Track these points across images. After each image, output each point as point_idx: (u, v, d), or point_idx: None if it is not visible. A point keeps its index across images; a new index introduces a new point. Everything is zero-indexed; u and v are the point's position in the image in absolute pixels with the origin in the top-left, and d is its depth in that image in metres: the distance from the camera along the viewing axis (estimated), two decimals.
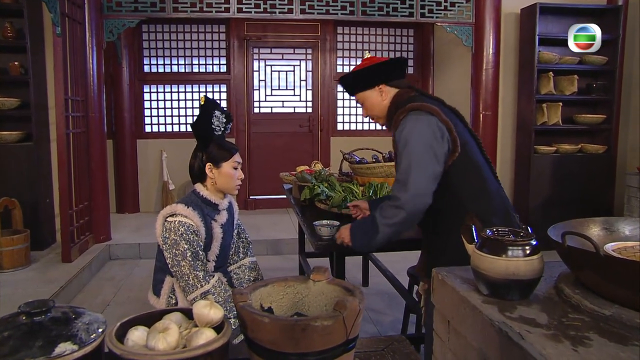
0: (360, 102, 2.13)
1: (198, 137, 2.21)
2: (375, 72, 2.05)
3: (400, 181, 1.84)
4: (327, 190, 2.79)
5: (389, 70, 2.07)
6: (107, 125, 4.88)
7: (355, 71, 2.10)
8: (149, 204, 6.16)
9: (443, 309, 1.40)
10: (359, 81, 2.08)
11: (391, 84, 2.05)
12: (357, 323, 0.86)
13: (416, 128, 1.85)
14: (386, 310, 3.54)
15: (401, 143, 1.87)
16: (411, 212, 1.81)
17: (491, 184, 1.97)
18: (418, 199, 1.81)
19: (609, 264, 1.04)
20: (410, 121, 1.88)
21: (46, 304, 0.83)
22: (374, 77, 2.05)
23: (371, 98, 2.07)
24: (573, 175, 4.89)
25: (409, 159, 1.82)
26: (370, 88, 2.05)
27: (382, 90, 2.04)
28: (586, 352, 0.94)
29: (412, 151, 1.83)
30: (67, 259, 4.06)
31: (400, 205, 1.81)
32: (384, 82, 2.04)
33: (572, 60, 4.85)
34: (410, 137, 1.85)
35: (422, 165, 1.82)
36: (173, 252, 2.03)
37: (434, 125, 1.86)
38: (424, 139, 1.84)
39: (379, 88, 2.04)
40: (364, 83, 2.06)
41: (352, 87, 2.13)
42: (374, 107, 2.08)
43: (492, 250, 1.21)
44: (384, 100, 2.05)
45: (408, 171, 1.81)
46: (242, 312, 0.85)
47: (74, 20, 4.23)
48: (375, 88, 2.05)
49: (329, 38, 6.44)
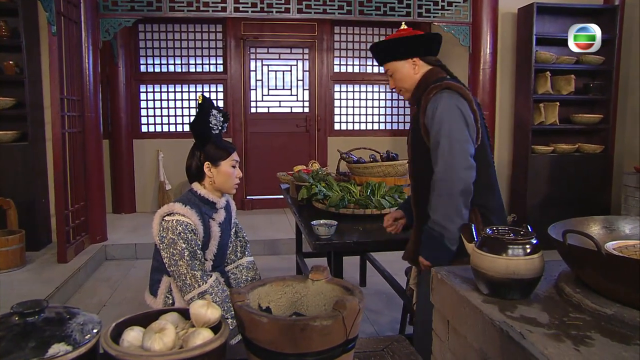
0: (390, 73, 2.05)
1: (196, 136, 2.20)
2: (412, 43, 1.99)
3: (445, 161, 1.78)
4: (324, 189, 2.78)
5: (426, 45, 2.02)
6: (103, 125, 4.85)
7: (391, 39, 2.02)
8: (145, 204, 6.13)
9: (442, 309, 1.39)
10: (393, 50, 2.01)
11: (425, 60, 2.00)
12: (357, 323, 0.84)
13: (452, 107, 1.82)
14: (384, 310, 3.53)
15: (436, 121, 1.82)
16: (464, 188, 1.77)
17: (496, 183, 1.98)
18: (467, 172, 1.78)
19: (611, 263, 1.03)
20: (444, 99, 1.84)
21: (39, 304, 0.81)
22: (410, 48, 1.99)
23: (403, 70, 2.00)
24: (570, 175, 4.90)
25: (449, 135, 1.79)
26: (403, 59, 1.99)
27: (416, 64, 1.99)
28: (588, 352, 0.93)
29: (451, 129, 1.79)
30: (62, 259, 4.03)
31: (451, 187, 1.76)
32: (419, 55, 1.99)
33: (569, 60, 4.85)
34: (446, 115, 1.81)
35: (463, 139, 1.80)
36: (170, 252, 2.02)
37: (467, 109, 1.85)
38: (460, 117, 1.82)
39: (412, 61, 1.99)
40: (398, 53, 1.99)
41: (384, 56, 2.05)
42: (404, 79, 2.01)
43: (492, 249, 1.20)
44: (416, 74, 1.99)
45: (451, 149, 1.78)
46: (240, 312, 0.84)
47: (70, 19, 4.20)
48: (408, 60, 1.99)
49: (326, 38, 6.43)
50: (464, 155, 1.78)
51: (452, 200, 1.77)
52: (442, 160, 1.79)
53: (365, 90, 6.70)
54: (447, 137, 1.79)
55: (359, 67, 6.65)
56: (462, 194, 1.77)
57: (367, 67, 6.67)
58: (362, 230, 2.41)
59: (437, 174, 1.81)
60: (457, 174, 1.76)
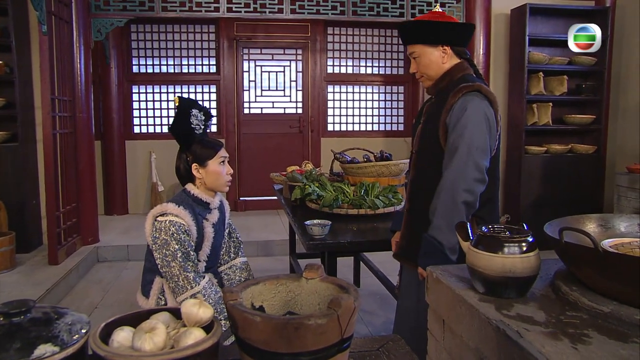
0: (415, 56, 1.93)
1: (178, 138, 2.17)
2: (447, 30, 1.88)
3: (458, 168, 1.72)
4: (318, 189, 2.77)
5: (460, 34, 1.92)
6: (95, 126, 4.82)
7: (426, 21, 1.91)
8: (137, 206, 6.09)
9: (438, 308, 1.38)
10: (425, 33, 1.89)
11: (454, 50, 1.91)
12: (352, 322, 0.83)
13: (480, 113, 1.75)
14: (378, 311, 3.51)
15: (461, 123, 1.74)
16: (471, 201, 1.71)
17: (497, 197, 1.93)
18: (477, 185, 1.72)
19: (608, 260, 1.02)
20: (475, 103, 1.76)
21: (25, 304, 0.79)
22: (443, 35, 1.88)
23: (431, 55, 1.89)
24: (563, 175, 4.91)
25: (470, 143, 1.71)
26: (433, 44, 1.88)
27: (446, 53, 1.89)
28: (586, 350, 0.92)
29: (472, 136, 1.72)
30: (53, 261, 3.99)
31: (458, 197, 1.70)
32: (450, 44, 1.89)
33: (561, 61, 4.87)
34: (472, 120, 1.73)
35: (482, 150, 1.73)
36: (163, 253, 1.99)
37: (493, 117, 1.79)
38: (485, 126, 1.76)
39: (443, 49, 1.88)
40: (430, 37, 1.88)
41: (413, 36, 1.92)
42: (430, 66, 1.91)
43: (488, 247, 1.19)
44: (444, 63, 1.90)
45: (467, 158, 1.71)
46: (233, 311, 0.82)
47: (61, 18, 4.16)
48: (439, 47, 1.88)
49: (319, 38, 6.42)
50: (479, 167, 1.71)
51: (457, 210, 1.70)
52: (455, 166, 1.72)
53: (359, 91, 6.70)
54: (467, 145, 1.71)
55: (352, 68, 6.64)
56: (468, 206, 1.71)
57: (361, 68, 6.67)
58: (356, 230, 2.39)
59: (446, 180, 1.73)
60: (467, 185, 1.70)
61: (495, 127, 1.80)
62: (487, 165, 1.75)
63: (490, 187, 1.83)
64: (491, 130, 1.78)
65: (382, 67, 6.73)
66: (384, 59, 6.71)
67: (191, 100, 2.20)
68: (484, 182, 1.74)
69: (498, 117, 1.82)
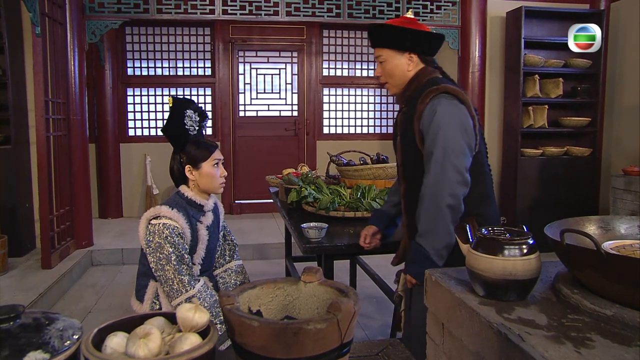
0: (381, 60, 1.89)
1: (172, 140, 2.14)
2: (415, 38, 1.83)
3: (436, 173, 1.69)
4: (314, 192, 2.75)
5: (428, 43, 1.87)
6: (89, 129, 4.78)
7: (396, 26, 1.85)
8: (132, 209, 6.05)
9: (437, 312, 1.36)
10: (392, 38, 1.85)
11: (422, 59, 1.87)
12: (352, 326, 0.81)
13: (449, 114, 1.71)
14: (375, 314, 3.49)
15: (432, 127, 1.71)
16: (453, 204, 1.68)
17: (492, 192, 1.91)
18: (458, 187, 1.68)
19: (611, 263, 1.01)
20: (443, 105, 1.72)
21: (15, 309, 0.76)
22: (410, 41, 1.84)
23: (397, 61, 1.86)
24: (559, 178, 4.92)
25: (444, 145, 1.68)
26: (400, 50, 1.85)
27: (412, 60, 1.85)
28: (589, 354, 0.90)
29: (446, 138, 1.68)
30: (47, 265, 3.94)
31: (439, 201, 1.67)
32: (417, 52, 1.85)
33: (557, 64, 4.87)
34: (443, 122, 1.70)
35: (459, 151, 1.69)
36: (157, 256, 1.96)
37: (466, 115, 1.75)
38: (458, 125, 1.71)
39: (409, 55, 1.85)
40: (397, 42, 1.84)
41: (381, 40, 1.89)
42: (394, 72, 1.88)
43: (489, 249, 1.17)
44: (409, 71, 1.86)
45: (444, 161, 1.68)
46: (230, 316, 0.80)
47: (55, 20, 4.13)
48: (405, 53, 1.85)
49: (315, 41, 6.41)
50: (457, 169, 1.68)
51: (440, 214, 1.67)
52: (433, 171, 1.69)
53: (354, 94, 6.69)
54: (442, 147, 1.68)
55: (347, 71, 6.64)
56: (451, 210, 1.68)
57: (356, 71, 6.66)
58: (352, 233, 2.37)
59: (426, 186, 1.71)
60: (448, 189, 1.67)
61: (471, 124, 1.76)
62: (466, 165, 1.72)
63: (481, 183, 1.82)
64: (466, 128, 1.73)
65: None
66: None
67: (185, 100, 2.16)
68: (466, 184, 1.71)
69: (472, 112, 1.77)
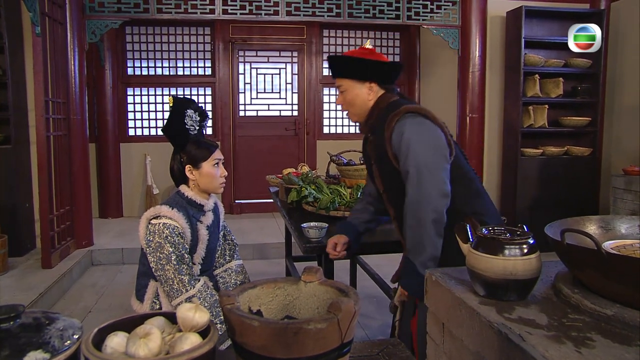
0: (342, 89, 1.94)
1: (172, 139, 2.14)
2: (374, 68, 1.90)
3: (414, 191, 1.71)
4: (314, 192, 2.75)
5: (388, 72, 1.93)
6: (89, 129, 4.78)
7: (355, 58, 1.92)
8: (132, 209, 6.05)
9: (437, 311, 1.36)
10: (352, 68, 1.91)
11: (382, 87, 1.92)
12: (352, 326, 0.81)
13: (417, 132, 1.75)
14: (375, 314, 3.49)
15: (403, 149, 1.75)
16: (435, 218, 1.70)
17: (482, 190, 1.93)
18: (438, 200, 1.70)
19: (611, 262, 1.01)
20: (408, 124, 1.76)
21: (15, 309, 0.76)
22: (370, 72, 1.90)
23: (357, 90, 1.91)
24: (559, 178, 4.91)
25: (417, 163, 1.71)
26: (360, 80, 1.91)
27: (372, 90, 1.91)
28: (590, 354, 0.90)
29: (417, 156, 1.71)
30: (47, 265, 3.94)
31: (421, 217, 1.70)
32: (378, 82, 1.91)
33: (557, 63, 4.87)
34: (412, 141, 1.73)
35: (433, 166, 1.71)
36: (157, 256, 1.96)
37: (432, 126, 1.78)
38: (427, 141, 1.74)
39: (369, 85, 1.91)
40: (356, 73, 1.90)
41: (341, 70, 1.93)
42: (355, 101, 1.93)
43: (489, 249, 1.17)
44: (369, 100, 1.92)
45: (419, 178, 1.70)
46: (230, 316, 0.80)
47: (55, 20, 4.13)
48: (365, 83, 1.90)
49: (315, 41, 6.41)
50: (434, 183, 1.70)
51: (424, 230, 1.70)
52: (411, 190, 1.72)
53: None
54: (415, 166, 1.71)
55: None
56: (434, 223, 1.70)
57: None
58: None
59: (408, 204, 1.74)
60: (428, 204, 1.69)
61: (440, 135, 1.79)
62: (443, 177, 1.73)
63: (466, 183, 1.85)
64: (435, 142, 1.76)
65: None
66: None
67: (186, 99, 2.16)
68: (446, 195, 1.72)
69: (439, 122, 1.80)
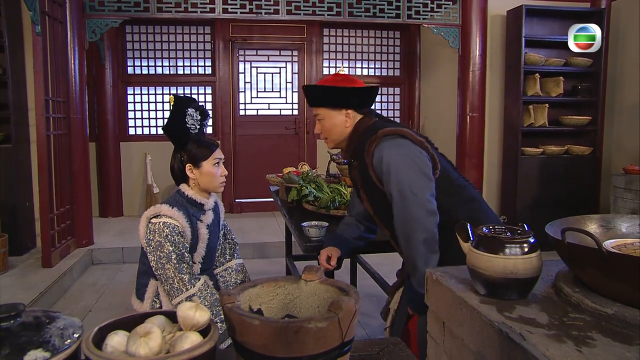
0: (319, 118, 1.95)
1: (172, 139, 2.14)
2: (350, 95, 1.90)
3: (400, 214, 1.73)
4: (315, 191, 2.75)
5: (363, 98, 1.94)
6: (89, 128, 4.78)
7: (328, 87, 1.93)
8: (132, 208, 6.05)
9: (437, 310, 1.36)
10: (326, 97, 1.92)
11: (359, 112, 1.93)
12: (353, 325, 0.81)
13: (395, 154, 1.75)
14: (374, 313, 3.48)
15: (385, 173, 1.76)
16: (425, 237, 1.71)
17: (474, 191, 1.93)
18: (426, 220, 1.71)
19: (612, 261, 1.01)
20: (386, 148, 1.77)
21: (15, 308, 0.76)
22: (345, 99, 1.90)
23: (334, 119, 1.92)
24: (559, 177, 4.91)
25: (400, 186, 1.72)
26: (336, 108, 1.91)
27: (349, 116, 1.91)
28: (591, 353, 0.90)
29: (399, 179, 1.72)
30: (47, 264, 3.94)
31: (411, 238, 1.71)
32: (354, 108, 1.92)
33: (557, 62, 4.87)
34: (392, 164, 1.74)
35: (416, 186, 1.71)
36: (157, 255, 1.96)
37: (410, 146, 1.78)
38: (407, 161, 1.74)
39: (346, 112, 1.91)
40: (332, 101, 1.91)
41: (317, 100, 1.95)
42: (333, 129, 1.93)
43: (489, 248, 1.17)
44: (347, 127, 1.92)
45: (404, 201, 1.71)
46: (230, 315, 0.80)
47: (55, 19, 4.13)
48: (342, 110, 1.91)
49: (315, 40, 6.41)
50: (419, 203, 1.70)
51: (416, 250, 1.72)
52: (397, 212, 1.73)
53: None
54: (398, 190, 1.72)
55: (348, 70, 6.63)
56: (425, 243, 1.71)
57: (357, 70, 6.66)
58: None
59: (396, 227, 1.76)
60: (416, 225, 1.70)
61: (420, 152, 1.78)
62: (428, 194, 1.73)
63: (459, 192, 1.86)
64: (415, 161, 1.75)
65: (379, 69, 6.72)
66: (380, 60, 6.71)
67: (187, 98, 2.16)
68: (433, 213, 1.73)
69: (417, 139, 1.80)
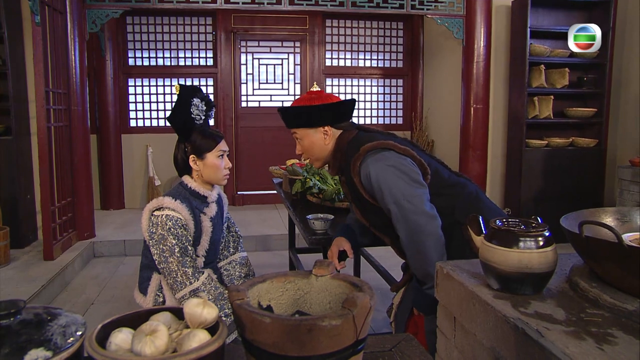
0: (297, 137, 1.92)
1: (177, 129, 2.10)
2: (324, 112, 1.86)
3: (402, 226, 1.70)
4: (319, 183, 2.71)
5: (339, 113, 1.89)
6: (90, 120, 4.74)
7: (302, 107, 1.88)
8: (134, 200, 6.02)
9: (448, 305, 1.33)
10: (301, 117, 1.87)
11: (337, 127, 1.89)
12: (368, 322, 0.77)
13: (381, 169, 1.72)
14: (379, 306, 3.46)
15: (376, 190, 1.73)
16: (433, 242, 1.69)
17: (474, 189, 1.90)
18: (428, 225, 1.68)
19: (633, 255, 0.97)
20: (371, 164, 1.73)
21: (15, 304, 0.73)
22: (321, 117, 1.86)
23: (312, 137, 1.88)
24: (564, 169, 4.87)
25: (394, 199, 1.69)
26: (313, 127, 1.87)
27: (327, 133, 1.88)
28: (613, 351, 0.87)
29: (392, 192, 1.69)
30: (49, 256, 3.92)
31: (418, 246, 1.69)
32: (331, 124, 1.87)
33: (563, 54, 4.81)
34: (381, 179, 1.71)
35: (409, 195, 1.68)
36: (160, 248, 1.93)
37: (395, 157, 1.75)
38: (395, 173, 1.70)
39: (324, 130, 1.87)
40: (307, 121, 1.87)
41: (292, 121, 1.91)
42: (313, 148, 1.90)
43: (503, 241, 1.14)
44: (327, 144, 1.88)
45: (402, 213, 1.68)
46: (240, 312, 0.76)
47: (55, 9, 4.07)
48: (319, 129, 1.87)
49: (318, 31, 6.34)
50: (417, 211, 1.67)
51: (427, 258, 1.69)
52: (400, 226, 1.71)
53: (358, 84, 6.64)
54: (394, 203, 1.69)
55: (351, 61, 6.57)
56: (434, 247, 1.69)
57: (359, 61, 6.60)
58: None
59: (402, 239, 1.73)
60: (421, 233, 1.68)
61: (408, 160, 1.75)
62: (423, 200, 1.70)
63: (457, 191, 1.83)
64: (403, 171, 1.72)
65: (381, 60, 6.66)
66: (383, 51, 6.64)
67: (193, 88, 2.12)
68: (433, 217, 1.70)
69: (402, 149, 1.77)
